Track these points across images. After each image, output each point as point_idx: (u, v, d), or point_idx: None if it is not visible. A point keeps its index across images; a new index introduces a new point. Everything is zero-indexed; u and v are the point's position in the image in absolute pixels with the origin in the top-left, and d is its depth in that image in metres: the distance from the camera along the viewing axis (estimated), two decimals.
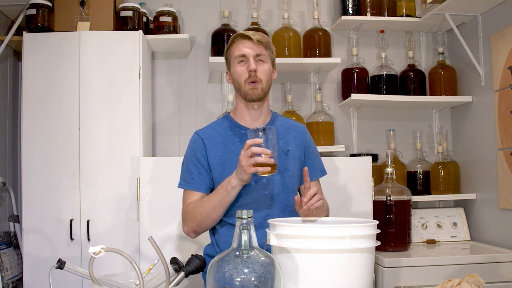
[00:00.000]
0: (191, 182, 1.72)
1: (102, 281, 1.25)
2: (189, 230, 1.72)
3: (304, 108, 2.91)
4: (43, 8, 2.48)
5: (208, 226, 1.70)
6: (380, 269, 2.29)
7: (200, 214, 1.65)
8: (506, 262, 2.28)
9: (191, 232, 1.72)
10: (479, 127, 2.72)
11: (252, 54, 1.68)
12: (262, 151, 1.45)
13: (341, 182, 2.46)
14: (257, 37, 1.69)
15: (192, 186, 1.71)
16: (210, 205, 1.64)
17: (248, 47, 1.69)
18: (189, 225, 1.70)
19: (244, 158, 1.49)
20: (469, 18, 2.70)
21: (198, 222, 1.67)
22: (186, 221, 1.71)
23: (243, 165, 1.49)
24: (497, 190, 2.51)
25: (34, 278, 2.35)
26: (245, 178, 1.53)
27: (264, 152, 1.46)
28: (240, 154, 1.51)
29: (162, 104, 2.90)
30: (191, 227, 1.70)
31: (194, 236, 1.73)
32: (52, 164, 2.40)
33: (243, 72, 1.69)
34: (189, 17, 2.94)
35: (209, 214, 1.64)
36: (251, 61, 1.67)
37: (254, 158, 1.46)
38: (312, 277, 1.17)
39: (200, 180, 1.71)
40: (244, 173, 1.51)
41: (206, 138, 1.75)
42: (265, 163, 1.45)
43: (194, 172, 1.72)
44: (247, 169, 1.48)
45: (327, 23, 2.94)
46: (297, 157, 1.78)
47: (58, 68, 2.44)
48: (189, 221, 1.69)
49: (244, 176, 1.53)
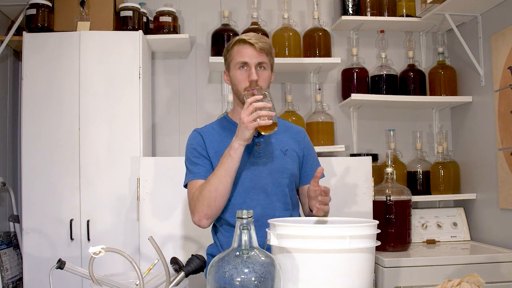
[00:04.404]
0: (196, 171, 1.70)
1: (102, 281, 1.25)
2: (200, 217, 1.63)
3: (304, 108, 2.91)
4: (43, 8, 2.48)
5: (219, 205, 1.62)
6: (380, 269, 2.29)
7: (208, 191, 1.60)
8: (506, 262, 2.28)
9: (202, 219, 1.63)
10: (479, 127, 2.72)
11: (254, 62, 1.67)
12: (263, 105, 1.49)
13: (341, 182, 2.46)
14: (260, 45, 1.67)
15: (196, 175, 1.70)
16: (216, 177, 1.60)
17: (250, 55, 1.67)
18: (199, 210, 1.62)
19: (245, 114, 1.50)
20: (469, 18, 2.70)
21: (208, 202, 1.60)
22: (195, 208, 1.64)
23: (244, 121, 1.49)
24: (497, 190, 2.51)
25: (34, 278, 2.35)
26: (247, 135, 1.53)
27: (265, 106, 1.49)
28: (241, 113, 1.52)
29: (162, 104, 2.90)
30: (202, 211, 1.62)
31: (206, 223, 1.65)
32: (52, 164, 2.40)
33: (244, 79, 1.68)
34: (189, 17, 2.94)
35: (217, 187, 1.59)
36: (253, 71, 1.66)
37: (256, 112, 1.48)
38: (312, 277, 1.17)
39: (204, 169, 1.70)
40: (246, 129, 1.51)
41: (205, 134, 1.77)
42: (267, 115, 1.48)
43: (197, 163, 1.71)
44: (249, 124, 1.49)
45: (327, 23, 2.94)
46: (296, 158, 1.78)
47: (58, 68, 2.44)
48: (199, 206, 1.62)
49: (246, 133, 1.52)
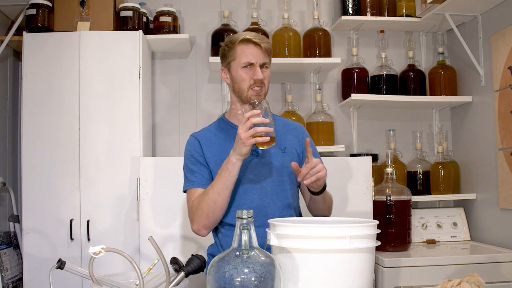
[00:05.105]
0: (194, 180, 1.72)
1: (102, 281, 1.25)
2: (199, 227, 1.66)
3: (304, 108, 2.91)
4: (43, 8, 2.48)
5: (217, 217, 1.65)
6: (380, 269, 2.29)
7: (206, 203, 1.62)
8: (506, 262, 2.28)
9: (201, 229, 1.66)
10: (479, 127, 2.72)
11: (259, 63, 1.70)
12: (261, 121, 1.48)
13: (341, 182, 2.46)
14: (265, 45, 1.70)
15: (195, 184, 1.71)
16: (214, 190, 1.62)
17: (255, 54, 1.69)
18: (198, 221, 1.65)
19: (243, 130, 1.50)
20: (469, 18, 2.70)
21: (206, 213, 1.63)
22: (194, 218, 1.67)
23: (242, 137, 1.49)
24: (497, 190, 2.51)
25: (34, 278, 2.35)
26: (244, 151, 1.53)
27: (263, 122, 1.48)
28: (238, 128, 1.52)
29: (162, 104, 2.89)
30: (200, 222, 1.65)
31: (205, 232, 1.68)
32: (52, 164, 2.40)
33: (248, 78, 1.70)
34: (189, 17, 2.94)
35: (215, 200, 1.61)
36: (259, 71, 1.69)
37: (253, 128, 1.48)
38: (312, 277, 1.17)
39: (202, 177, 1.71)
40: (243, 145, 1.51)
41: (202, 139, 1.77)
42: (265, 131, 1.48)
43: (195, 170, 1.72)
44: (247, 141, 1.49)
45: (327, 23, 2.94)
46: (295, 154, 1.78)
47: (58, 68, 2.44)
48: (197, 216, 1.65)
49: (243, 149, 1.52)
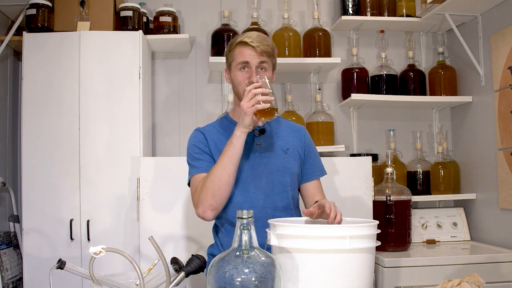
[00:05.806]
0: (199, 166, 1.70)
1: (102, 281, 1.25)
2: (204, 209, 1.61)
3: (304, 108, 2.90)
4: (43, 8, 2.48)
5: (223, 195, 1.61)
6: (380, 269, 2.29)
7: (212, 180, 1.60)
8: (506, 262, 2.29)
9: (207, 210, 1.61)
10: (479, 127, 2.72)
11: (255, 63, 1.68)
12: (262, 91, 1.53)
13: (341, 182, 2.46)
14: (261, 48, 1.68)
15: (200, 170, 1.69)
16: (219, 166, 1.60)
17: (251, 55, 1.68)
18: (203, 201, 1.61)
19: (245, 101, 1.54)
20: (469, 18, 2.70)
21: (212, 192, 1.59)
22: (199, 199, 1.62)
23: (244, 107, 1.53)
24: (497, 190, 2.51)
25: (34, 278, 2.35)
26: (246, 122, 1.56)
27: (263, 92, 1.53)
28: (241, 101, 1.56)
29: (162, 104, 2.89)
30: (206, 201, 1.60)
31: (211, 215, 1.62)
32: (52, 164, 2.40)
33: (244, 80, 1.68)
34: (189, 17, 2.94)
35: (221, 175, 1.59)
36: (254, 72, 1.68)
37: (255, 98, 1.52)
38: (312, 277, 1.17)
39: (207, 163, 1.70)
40: (245, 115, 1.54)
41: (207, 133, 1.77)
42: (266, 100, 1.52)
43: (200, 158, 1.72)
44: (248, 110, 1.52)
45: (327, 23, 2.94)
46: (297, 156, 1.78)
47: (58, 68, 2.44)
48: (202, 197, 1.61)
49: (246, 119, 1.55)
